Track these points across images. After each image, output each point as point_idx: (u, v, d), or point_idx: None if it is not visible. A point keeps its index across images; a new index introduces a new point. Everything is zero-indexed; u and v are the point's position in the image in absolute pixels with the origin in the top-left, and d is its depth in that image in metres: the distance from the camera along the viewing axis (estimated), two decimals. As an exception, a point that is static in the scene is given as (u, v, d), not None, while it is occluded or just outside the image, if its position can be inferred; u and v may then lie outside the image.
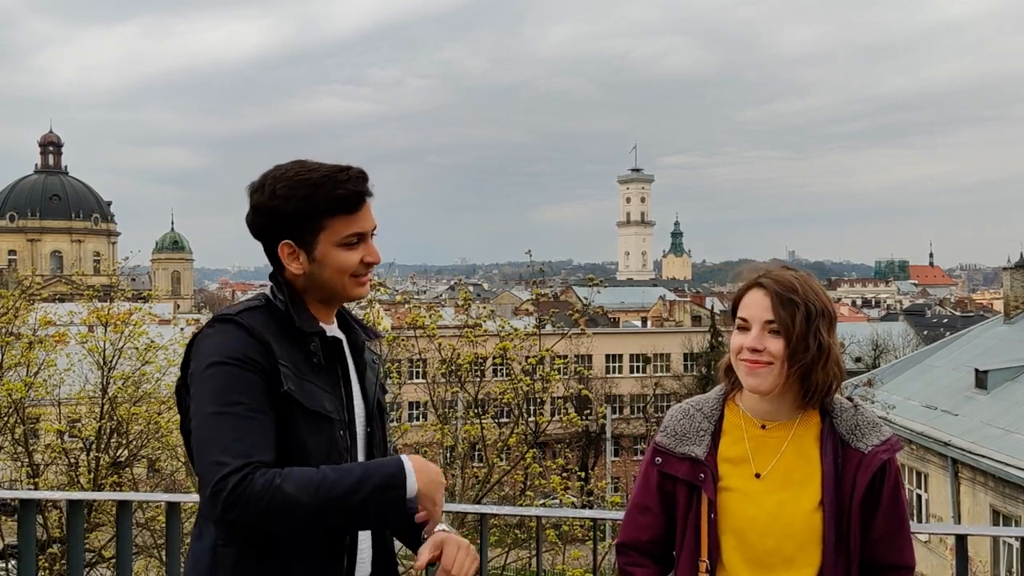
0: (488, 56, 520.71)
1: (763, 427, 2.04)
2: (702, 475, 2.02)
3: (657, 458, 2.09)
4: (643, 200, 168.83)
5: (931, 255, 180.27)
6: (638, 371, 47.13)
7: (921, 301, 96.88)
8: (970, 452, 17.86)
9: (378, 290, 11.26)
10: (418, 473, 1.77)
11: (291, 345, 1.88)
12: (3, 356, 10.24)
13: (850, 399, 2.06)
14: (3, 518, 9.59)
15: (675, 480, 2.06)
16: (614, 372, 46.18)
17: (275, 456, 1.77)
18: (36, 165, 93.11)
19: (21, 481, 9.94)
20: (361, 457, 2.00)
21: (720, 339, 42.14)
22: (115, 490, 9.39)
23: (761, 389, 1.98)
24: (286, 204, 1.86)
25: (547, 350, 10.12)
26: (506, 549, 9.53)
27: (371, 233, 1.95)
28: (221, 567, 1.83)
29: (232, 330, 1.84)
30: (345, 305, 2.08)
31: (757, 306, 1.97)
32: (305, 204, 1.86)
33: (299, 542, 1.82)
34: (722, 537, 2.01)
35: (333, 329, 2.01)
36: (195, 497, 2.91)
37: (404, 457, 1.79)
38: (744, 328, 1.99)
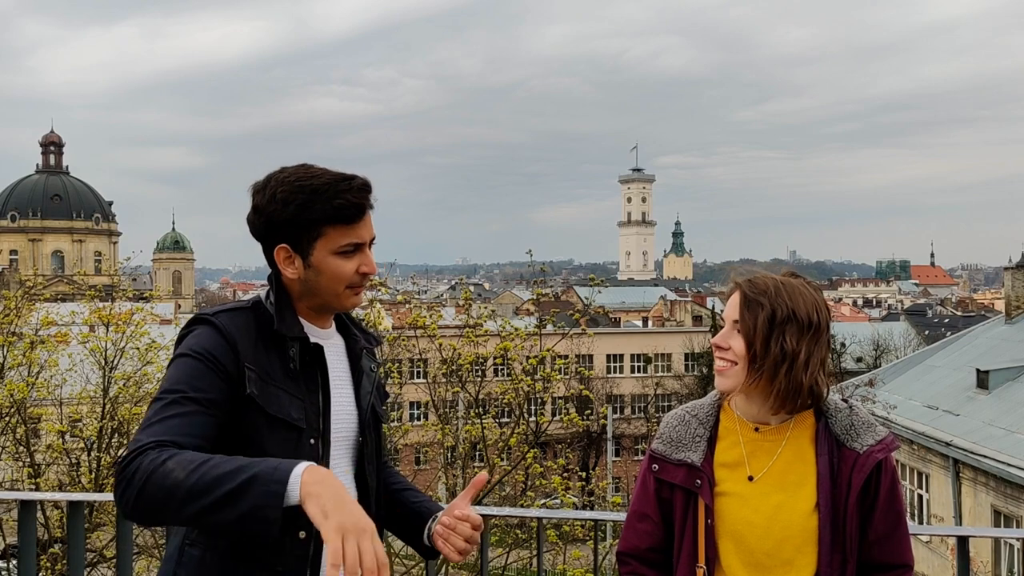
0: (483, 56, 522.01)
1: (757, 430, 2.05)
2: (698, 481, 2.02)
3: (654, 465, 2.09)
4: (644, 200, 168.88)
5: (932, 255, 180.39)
6: (639, 371, 47.14)
7: (922, 301, 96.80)
8: (971, 452, 17.85)
9: (379, 290, 11.26)
10: (308, 477, 1.53)
11: (268, 349, 1.86)
12: (5, 356, 10.24)
13: (845, 400, 2.07)
14: (4, 517, 9.60)
15: (672, 487, 2.06)
16: (615, 372, 46.19)
17: (206, 448, 1.70)
18: (37, 165, 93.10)
19: (22, 481, 9.94)
20: (348, 467, 1.98)
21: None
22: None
23: (724, 387, 2.02)
24: (284, 209, 1.85)
25: (548, 350, 10.11)
26: (507, 549, 9.54)
27: (369, 244, 1.93)
28: (184, 567, 1.83)
29: (204, 329, 1.84)
30: None
31: (731, 306, 2.02)
32: (303, 211, 1.85)
33: (261, 548, 1.80)
34: (720, 541, 2.01)
35: (329, 333, 2.00)
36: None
37: (304, 463, 1.57)
38: (723, 327, 2.05)
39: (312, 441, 1.88)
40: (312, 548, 1.85)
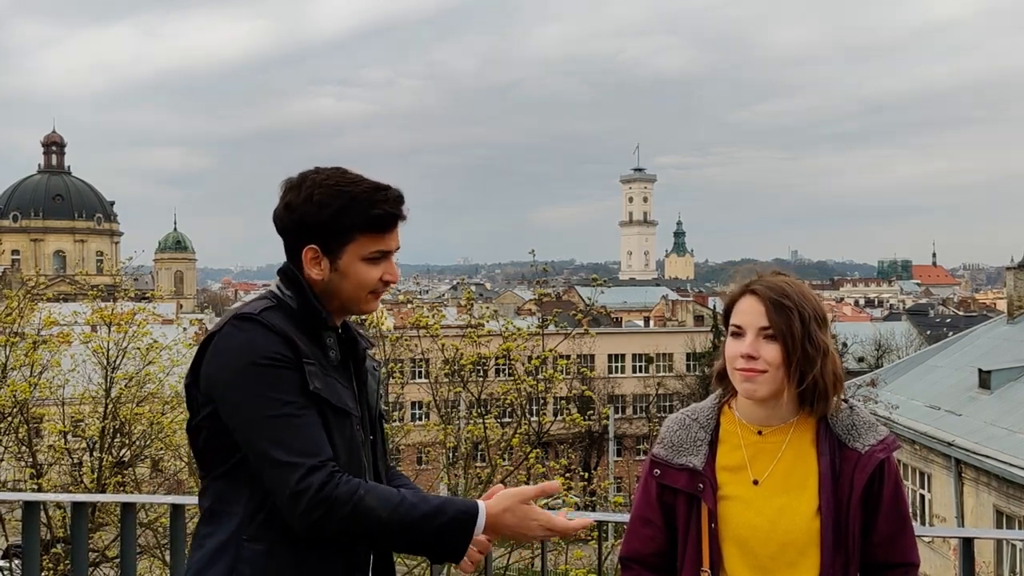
0: (482, 57, 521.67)
1: (759, 433, 2.04)
2: (701, 485, 2.02)
3: (655, 470, 2.09)
4: (645, 200, 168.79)
5: (934, 255, 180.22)
6: (641, 371, 47.11)
7: (924, 301, 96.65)
8: (973, 452, 17.84)
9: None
10: (492, 518, 1.85)
11: (309, 341, 1.89)
12: (7, 356, 10.24)
13: (845, 400, 2.06)
14: (7, 517, 9.61)
15: (675, 491, 2.06)
16: (617, 372, 46.16)
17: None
18: (39, 165, 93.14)
19: (25, 481, 9.95)
20: (367, 460, 2.01)
21: (722, 339, 42.07)
22: (118, 490, 9.40)
23: (757, 396, 1.98)
24: (321, 211, 1.88)
25: (550, 350, 10.12)
26: (509, 549, 9.54)
27: (393, 252, 1.97)
28: (247, 563, 1.82)
29: (257, 328, 1.84)
30: None
31: (751, 312, 1.98)
32: (339, 216, 1.88)
33: (321, 547, 1.84)
34: (723, 546, 2.01)
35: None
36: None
37: (482, 503, 1.86)
38: (738, 335, 1.99)
39: (359, 428, 1.94)
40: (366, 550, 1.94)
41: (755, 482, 2.01)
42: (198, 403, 1.89)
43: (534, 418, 10.90)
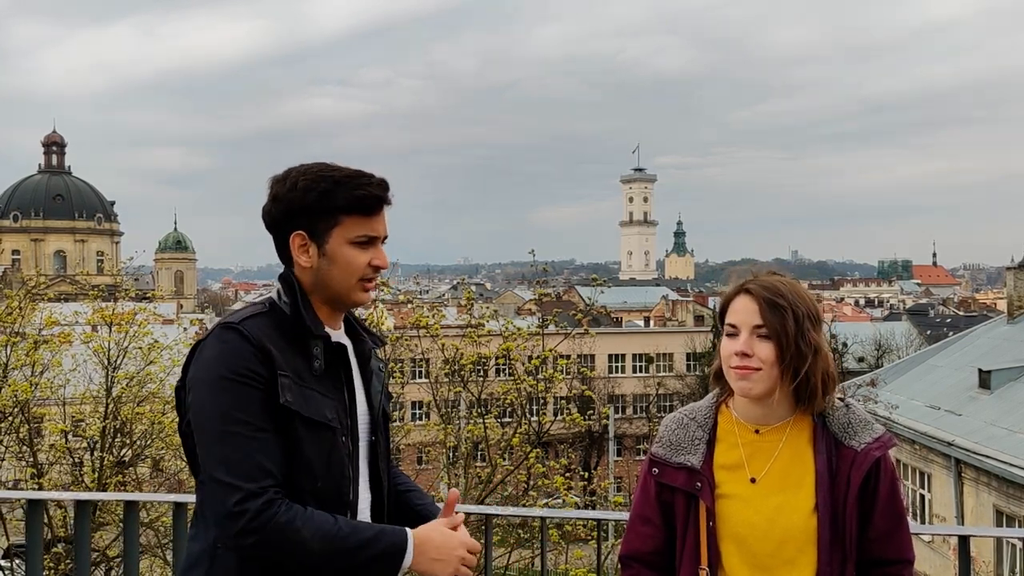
0: (482, 57, 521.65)
1: (756, 432, 2.06)
2: (699, 483, 2.03)
3: (654, 469, 2.10)
4: (646, 200, 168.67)
5: (934, 255, 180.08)
6: (641, 371, 47.11)
7: (924, 301, 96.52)
8: (973, 452, 17.85)
9: (381, 290, 11.28)
10: (419, 547, 1.85)
11: (294, 350, 1.89)
12: (8, 356, 10.25)
13: (841, 398, 2.08)
14: (8, 517, 9.62)
15: (673, 490, 2.07)
16: (617, 372, 46.16)
17: (282, 470, 1.81)
18: (40, 165, 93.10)
19: (26, 481, 9.96)
20: (364, 466, 2.01)
21: (719, 338, 42.09)
22: (119, 489, 9.42)
23: (752, 394, 2.00)
24: (305, 196, 1.90)
25: (550, 350, 10.13)
26: (509, 549, 9.55)
27: (382, 240, 1.98)
28: (220, 570, 1.85)
29: (233, 339, 1.84)
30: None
31: (745, 311, 2.00)
32: (324, 198, 1.90)
33: None
34: (722, 544, 2.03)
35: (339, 335, 2.01)
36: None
37: (410, 533, 1.86)
38: (733, 334, 2.01)
39: (343, 439, 1.93)
40: None
41: (752, 480, 2.03)
42: (186, 407, 1.91)
43: (534, 418, 10.91)
